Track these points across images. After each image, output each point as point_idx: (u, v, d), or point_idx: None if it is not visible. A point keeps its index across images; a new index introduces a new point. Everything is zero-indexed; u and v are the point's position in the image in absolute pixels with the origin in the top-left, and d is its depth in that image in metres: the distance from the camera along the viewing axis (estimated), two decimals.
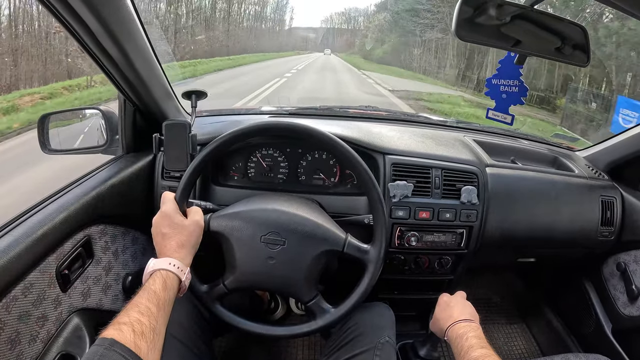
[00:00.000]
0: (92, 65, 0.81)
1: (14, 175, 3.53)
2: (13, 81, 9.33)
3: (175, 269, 0.64)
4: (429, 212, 0.94)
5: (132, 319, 0.52)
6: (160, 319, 0.55)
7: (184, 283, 0.65)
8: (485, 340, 0.71)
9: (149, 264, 0.64)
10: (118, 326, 0.50)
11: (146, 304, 0.55)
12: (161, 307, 0.57)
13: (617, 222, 1.08)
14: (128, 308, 0.54)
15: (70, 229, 0.74)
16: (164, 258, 0.65)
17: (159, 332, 0.54)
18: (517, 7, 0.79)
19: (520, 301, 1.53)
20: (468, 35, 0.75)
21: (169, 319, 0.59)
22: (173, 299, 0.62)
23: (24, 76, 9.82)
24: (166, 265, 0.63)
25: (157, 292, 0.58)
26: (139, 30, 0.77)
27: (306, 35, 52.67)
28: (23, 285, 0.63)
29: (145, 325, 0.52)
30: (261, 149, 1.01)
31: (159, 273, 0.62)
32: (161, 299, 0.58)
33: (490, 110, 0.79)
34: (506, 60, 0.80)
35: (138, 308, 0.54)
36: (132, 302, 0.55)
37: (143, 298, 0.56)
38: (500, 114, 0.78)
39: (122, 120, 0.94)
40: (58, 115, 1.00)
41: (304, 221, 0.76)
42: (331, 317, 0.75)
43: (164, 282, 0.61)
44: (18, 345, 0.62)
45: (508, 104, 0.78)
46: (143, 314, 0.53)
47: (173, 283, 0.62)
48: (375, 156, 0.95)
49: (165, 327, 0.57)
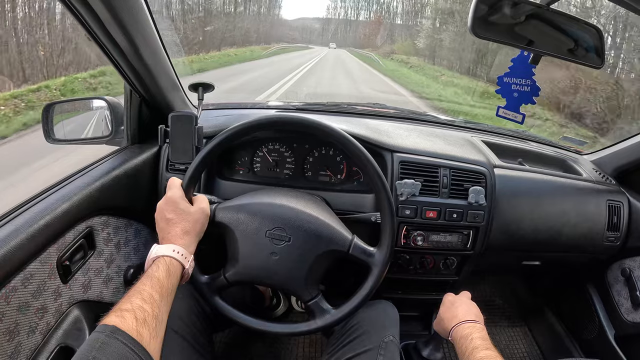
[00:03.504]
0: (99, 55, 0.79)
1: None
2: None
3: (179, 256, 0.62)
4: (436, 211, 0.93)
5: (134, 305, 0.50)
6: (162, 306, 0.54)
7: (187, 271, 0.64)
8: (490, 341, 0.70)
9: (152, 250, 0.63)
10: (120, 313, 0.49)
11: (149, 291, 0.54)
12: (164, 295, 0.56)
13: (623, 228, 1.07)
14: (130, 294, 0.53)
15: (72, 220, 0.73)
16: (167, 244, 0.64)
17: (162, 319, 0.53)
18: (533, 5, 0.78)
19: (523, 304, 1.53)
20: (482, 33, 0.74)
21: (169, 313, 0.58)
22: (176, 287, 0.61)
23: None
24: (170, 252, 0.62)
25: (160, 279, 0.57)
26: (148, 20, 0.76)
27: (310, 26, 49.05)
28: (23, 275, 0.62)
29: (147, 312, 0.51)
30: (267, 144, 1.00)
31: (162, 260, 0.61)
32: (164, 286, 0.57)
33: (500, 108, 0.78)
34: (519, 59, 0.79)
35: (141, 295, 0.53)
36: (135, 289, 0.54)
37: (146, 285, 0.55)
38: (511, 112, 0.77)
39: (128, 111, 0.93)
40: (63, 104, 0.98)
41: (311, 219, 0.74)
42: (331, 319, 0.74)
43: (168, 269, 0.60)
44: (17, 336, 0.61)
45: (519, 102, 0.77)
46: (146, 301, 0.52)
47: (176, 270, 0.61)
48: (383, 154, 0.94)
49: (167, 315, 0.56)
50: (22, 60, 6.59)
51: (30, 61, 6.66)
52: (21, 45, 6.88)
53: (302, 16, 49.36)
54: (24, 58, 6.65)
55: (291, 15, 48.36)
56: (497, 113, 0.80)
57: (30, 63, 6.64)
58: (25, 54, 6.76)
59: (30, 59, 6.70)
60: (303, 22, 49.90)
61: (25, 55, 6.71)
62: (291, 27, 47.30)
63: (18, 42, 6.82)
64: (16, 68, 6.45)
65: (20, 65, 6.49)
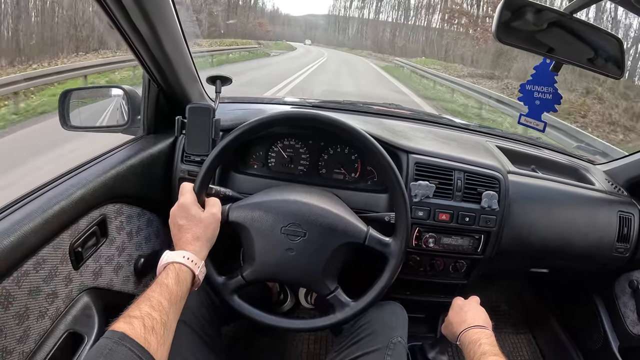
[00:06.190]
0: (120, 44, 0.79)
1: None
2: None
3: (189, 262, 0.62)
4: (449, 214, 0.93)
5: (143, 313, 0.51)
6: (171, 314, 0.54)
7: (197, 277, 0.64)
8: (498, 347, 0.70)
9: (163, 257, 0.63)
10: (129, 320, 0.49)
11: (158, 298, 0.54)
12: (173, 302, 0.56)
13: (633, 239, 1.07)
14: (139, 301, 0.53)
15: (87, 207, 0.74)
16: (178, 251, 0.64)
17: (170, 327, 0.53)
18: (557, 13, 0.78)
19: (528, 311, 1.52)
20: (506, 39, 0.75)
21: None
22: (186, 294, 0.60)
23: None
24: (180, 258, 0.62)
25: (169, 286, 0.57)
26: (171, 10, 0.76)
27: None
28: (35, 260, 0.62)
29: (156, 320, 0.51)
30: (283, 139, 1.00)
31: (172, 266, 0.61)
32: (173, 293, 0.57)
33: (522, 116, 0.78)
34: (541, 67, 0.79)
35: (150, 302, 0.53)
36: (144, 296, 0.54)
37: (155, 292, 0.55)
38: (532, 120, 0.77)
39: (145, 101, 0.94)
40: (80, 92, 0.99)
41: (325, 213, 0.75)
42: (351, 311, 0.75)
43: (177, 275, 0.60)
44: (26, 320, 0.61)
45: (541, 110, 0.77)
46: (154, 308, 0.52)
47: (186, 277, 0.61)
48: (399, 154, 0.94)
49: (176, 322, 0.56)
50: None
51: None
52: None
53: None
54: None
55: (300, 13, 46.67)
56: (518, 121, 0.80)
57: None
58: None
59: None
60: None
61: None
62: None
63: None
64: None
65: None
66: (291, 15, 48.52)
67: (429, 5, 31.50)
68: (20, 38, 8.49)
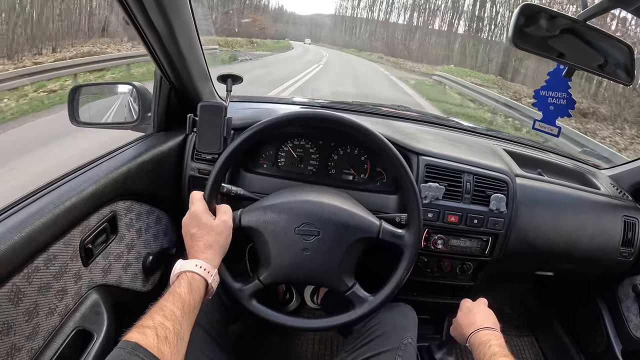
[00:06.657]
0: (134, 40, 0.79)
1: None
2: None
3: (202, 271, 0.62)
4: (458, 216, 0.93)
5: (156, 322, 0.51)
6: (184, 323, 0.54)
7: (211, 285, 0.63)
8: (507, 349, 0.71)
9: (176, 266, 0.63)
10: (142, 330, 0.49)
11: (171, 308, 0.54)
12: (186, 311, 0.55)
13: (637, 244, 1.07)
14: (153, 311, 0.53)
15: (98, 203, 0.73)
16: (191, 260, 0.64)
17: (183, 336, 0.53)
18: (570, 20, 0.79)
19: (532, 314, 1.53)
20: (521, 44, 0.75)
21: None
22: (199, 303, 0.60)
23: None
24: (192, 267, 0.62)
25: (182, 296, 0.57)
26: (187, 6, 0.76)
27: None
28: (46, 256, 0.61)
29: (169, 329, 0.51)
30: (293, 139, 1.00)
31: (184, 275, 0.60)
32: (186, 302, 0.56)
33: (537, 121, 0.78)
34: (555, 72, 0.79)
35: (163, 312, 0.53)
36: (157, 305, 0.54)
37: (168, 301, 0.55)
38: (547, 125, 0.78)
39: (157, 98, 0.93)
40: (90, 87, 0.98)
41: (337, 210, 0.75)
42: (369, 306, 0.75)
43: (190, 284, 0.59)
44: (35, 317, 0.60)
45: (555, 115, 0.78)
46: (167, 318, 0.52)
47: (199, 285, 0.61)
48: (409, 156, 0.94)
49: (189, 332, 0.56)
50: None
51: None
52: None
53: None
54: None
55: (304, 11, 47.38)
56: (533, 126, 0.80)
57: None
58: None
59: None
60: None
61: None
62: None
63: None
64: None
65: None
66: (297, 14, 47.73)
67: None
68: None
